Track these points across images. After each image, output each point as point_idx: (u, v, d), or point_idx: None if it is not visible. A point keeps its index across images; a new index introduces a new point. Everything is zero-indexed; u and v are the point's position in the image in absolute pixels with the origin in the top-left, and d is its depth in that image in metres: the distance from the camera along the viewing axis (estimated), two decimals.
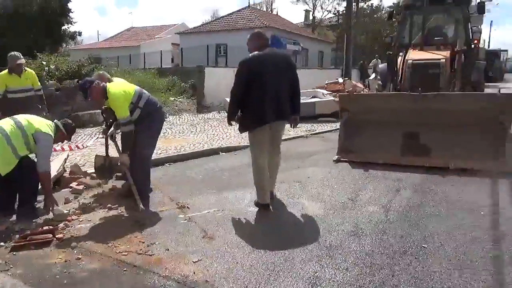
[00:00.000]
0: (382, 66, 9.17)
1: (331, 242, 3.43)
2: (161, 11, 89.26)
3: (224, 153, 7.19)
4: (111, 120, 4.73)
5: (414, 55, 7.36)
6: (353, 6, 23.09)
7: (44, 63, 10.80)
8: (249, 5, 33.03)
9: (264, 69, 3.98)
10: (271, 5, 49.99)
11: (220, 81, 12.44)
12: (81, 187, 5.00)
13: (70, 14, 24.11)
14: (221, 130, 9.26)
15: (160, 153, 6.79)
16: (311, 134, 8.91)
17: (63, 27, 24.59)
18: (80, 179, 5.22)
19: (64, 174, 5.28)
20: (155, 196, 4.74)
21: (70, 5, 23.86)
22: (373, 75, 17.97)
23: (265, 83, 3.97)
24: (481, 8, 8.04)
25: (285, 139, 8.23)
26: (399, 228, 3.67)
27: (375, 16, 39.32)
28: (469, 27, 8.15)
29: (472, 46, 7.54)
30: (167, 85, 14.77)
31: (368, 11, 38.63)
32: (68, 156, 5.60)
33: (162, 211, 4.28)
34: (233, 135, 8.64)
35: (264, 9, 45.99)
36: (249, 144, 4.45)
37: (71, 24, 24.87)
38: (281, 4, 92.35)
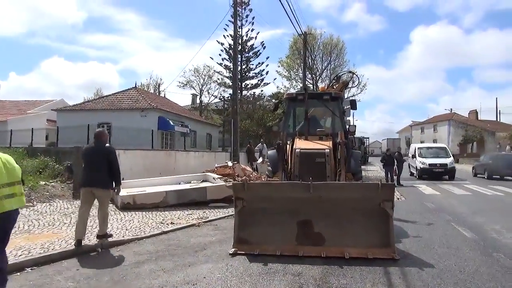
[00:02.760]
0: (271, 152, 9.45)
1: None
2: (37, 85, 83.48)
3: (104, 250, 6.19)
4: None
5: (301, 144, 7.72)
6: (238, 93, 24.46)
7: None
8: (135, 86, 32.82)
9: (89, 154, 6.56)
10: (158, 87, 50.79)
11: None
12: None
13: None
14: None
15: (19, 255, 5.53)
16: (203, 222, 8.41)
17: None
18: None
19: None
20: None
21: None
22: (260, 159, 18.69)
23: (88, 162, 6.45)
24: (353, 104, 9.06)
25: (176, 229, 7.65)
26: None
27: (257, 103, 42.58)
28: (345, 120, 9.06)
29: (349, 137, 8.27)
30: (38, 166, 13.04)
31: (251, 99, 41.67)
32: None
33: None
34: (116, 225, 7.67)
35: (151, 91, 46.34)
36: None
37: None
38: (169, 87, 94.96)
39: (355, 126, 8.38)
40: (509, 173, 20.58)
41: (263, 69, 42.13)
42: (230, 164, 14.62)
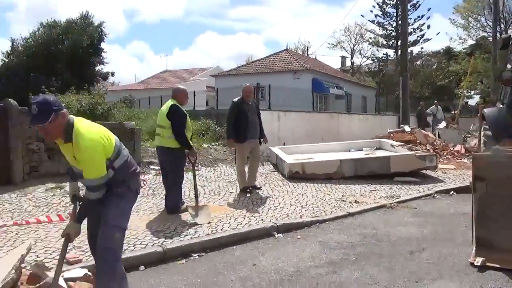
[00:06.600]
0: (491, 111, 6.70)
1: None
2: (195, 58, 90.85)
3: (281, 235, 4.76)
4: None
5: None
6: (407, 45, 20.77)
7: None
8: (287, 48, 31.65)
9: (244, 108, 6.46)
10: (307, 50, 48.96)
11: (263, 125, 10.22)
12: None
13: (103, 54, 23.26)
14: (269, 190, 6.89)
15: (184, 234, 4.46)
16: (396, 202, 6.37)
17: (96, 68, 23.79)
18: None
19: (19, 283, 3.03)
20: None
21: (102, 45, 23.08)
22: (443, 124, 15.44)
23: (246, 116, 6.43)
24: None
25: (364, 210, 5.82)
26: None
27: (415, 63, 37.04)
28: None
29: None
30: (200, 129, 12.75)
31: (408, 57, 36.54)
32: (30, 246, 3.34)
33: None
34: (288, 200, 6.23)
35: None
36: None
37: (103, 64, 24.02)
38: (317, 50, 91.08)
39: None
40: None
41: (423, 23, 36.03)
42: (407, 129, 12.02)
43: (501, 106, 6.51)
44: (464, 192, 6.60)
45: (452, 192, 7.23)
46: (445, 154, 10.88)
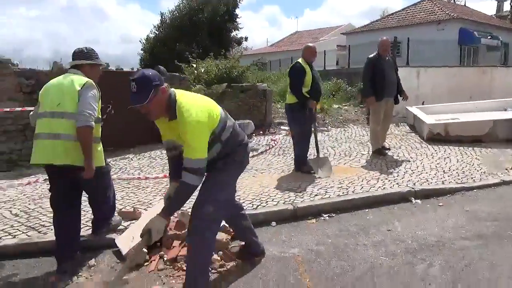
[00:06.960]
0: None
1: None
2: (325, 17, 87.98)
3: (419, 201, 4.39)
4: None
5: None
6: None
7: (194, 66, 9.82)
8: None
9: (381, 64, 6.01)
10: None
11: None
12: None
13: (237, 20, 24.21)
14: (405, 152, 6.39)
15: (315, 194, 4.44)
16: None
17: (231, 34, 25.00)
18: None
19: (168, 228, 3.42)
20: None
21: (237, 11, 24.01)
22: None
23: (383, 72, 5.97)
24: None
25: (504, 182, 4.97)
26: None
27: None
28: None
29: None
30: (331, 89, 12.46)
31: None
32: None
33: None
34: (427, 164, 5.68)
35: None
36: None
37: (238, 29, 25.05)
38: None
39: None
40: None
41: None
42: None
43: None
44: None
45: None
46: None
